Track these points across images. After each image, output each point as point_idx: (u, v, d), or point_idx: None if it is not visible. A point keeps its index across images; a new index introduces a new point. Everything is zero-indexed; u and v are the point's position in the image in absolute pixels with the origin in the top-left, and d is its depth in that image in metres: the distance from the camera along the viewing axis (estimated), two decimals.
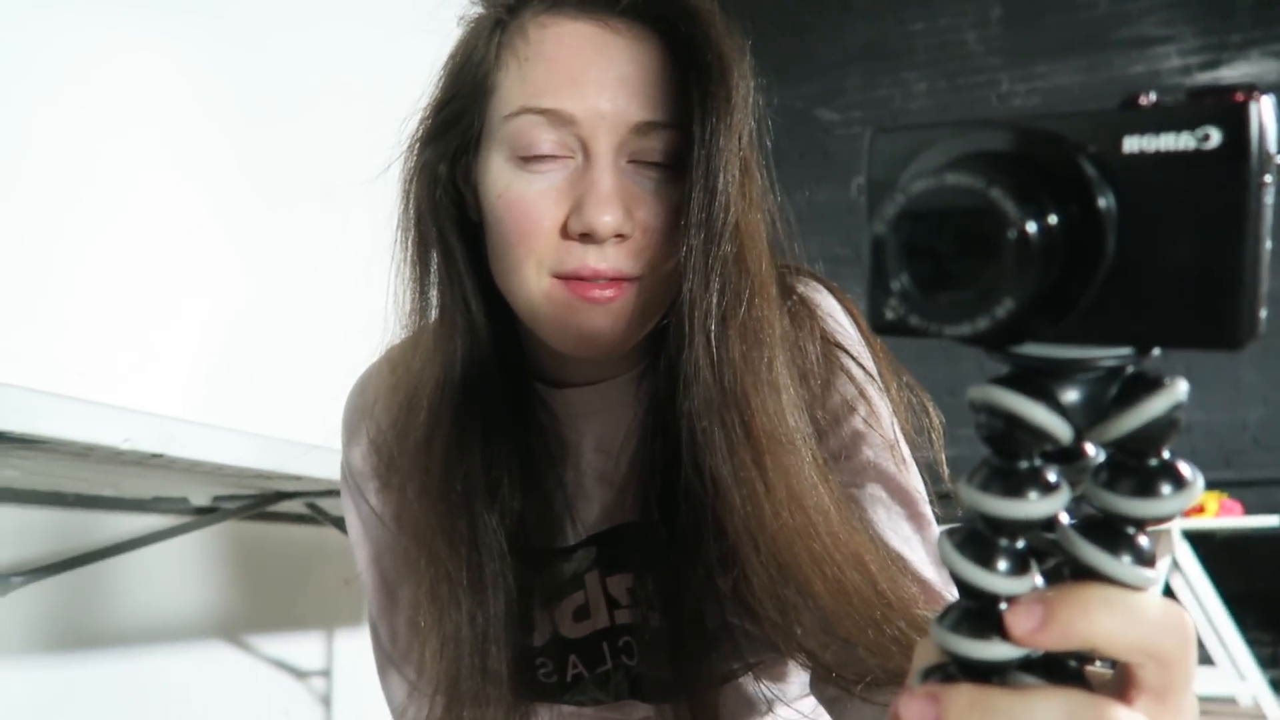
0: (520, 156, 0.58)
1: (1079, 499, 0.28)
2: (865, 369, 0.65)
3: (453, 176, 0.63)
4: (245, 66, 1.93)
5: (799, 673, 0.69)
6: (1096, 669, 0.29)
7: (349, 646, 2.12)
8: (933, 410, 0.67)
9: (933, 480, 0.65)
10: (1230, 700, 3.15)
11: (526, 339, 0.67)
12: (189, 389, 1.74)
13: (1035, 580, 0.28)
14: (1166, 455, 0.26)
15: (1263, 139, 0.23)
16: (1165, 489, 0.26)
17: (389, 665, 0.74)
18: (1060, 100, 3.90)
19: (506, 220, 0.58)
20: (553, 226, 0.57)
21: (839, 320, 0.67)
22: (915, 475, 0.65)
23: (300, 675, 2.04)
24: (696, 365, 0.57)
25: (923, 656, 0.30)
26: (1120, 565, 0.26)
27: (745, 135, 0.58)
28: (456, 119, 0.61)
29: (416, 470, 0.65)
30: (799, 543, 0.55)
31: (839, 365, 0.64)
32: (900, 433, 0.65)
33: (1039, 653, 0.28)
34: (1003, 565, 0.27)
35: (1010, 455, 0.27)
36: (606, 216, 0.56)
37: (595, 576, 0.69)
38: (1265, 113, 0.23)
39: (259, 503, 1.60)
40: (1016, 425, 0.26)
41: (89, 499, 1.51)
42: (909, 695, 0.28)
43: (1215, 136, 0.23)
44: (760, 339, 0.58)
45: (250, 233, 1.91)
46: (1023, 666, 0.28)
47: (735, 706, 0.68)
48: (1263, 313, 0.23)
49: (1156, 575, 0.27)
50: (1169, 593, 3.05)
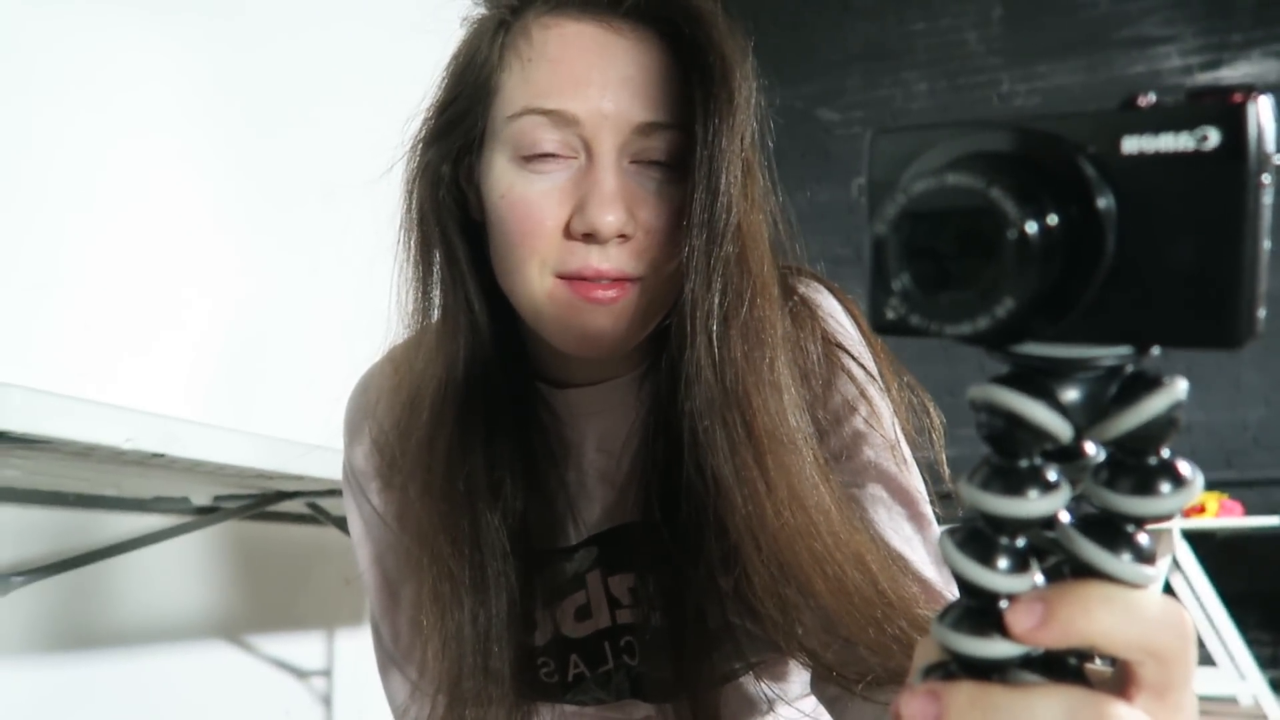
0: (523, 157, 0.58)
1: (1079, 498, 0.28)
2: (866, 369, 0.65)
3: (455, 177, 0.63)
4: (247, 68, 1.94)
5: (800, 672, 0.69)
6: (1096, 667, 0.29)
7: (350, 646, 2.12)
8: (933, 410, 0.67)
9: (933, 480, 0.65)
10: (1231, 700, 3.15)
11: (529, 339, 0.68)
12: (191, 389, 1.74)
13: (1036, 578, 0.28)
14: (1166, 454, 0.26)
15: (1261, 139, 0.23)
16: (1164, 487, 0.26)
17: (390, 665, 0.74)
18: (1061, 100, 3.90)
19: (509, 220, 0.59)
20: (555, 227, 0.58)
21: (840, 321, 0.67)
22: (916, 475, 0.65)
23: (301, 675, 2.04)
24: (698, 365, 0.57)
25: (924, 654, 0.30)
26: (1120, 563, 0.26)
27: (747, 136, 0.58)
28: (459, 119, 0.61)
29: (419, 469, 0.65)
30: (800, 542, 0.55)
31: (840, 365, 0.65)
32: (901, 433, 0.65)
33: (1039, 650, 0.28)
34: (1003, 563, 0.27)
35: (1011, 454, 0.27)
36: (609, 217, 0.56)
37: (597, 576, 0.69)
38: (1263, 113, 0.23)
39: (260, 502, 1.61)
40: (1017, 424, 0.26)
41: (90, 499, 1.51)
42: (910, 693, 0.28)
43: (1213, 137, 0.23)
44: (762, 339, 0.58)
45: (252, 233, 1.92)
46: (1023, 664, 0.28)
47: (736, 706, 0.68)
48: (1261, 312, 0.24)
49: (1156, 573, 0.27)
50: (1169, 592, 3.05)
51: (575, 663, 0.70)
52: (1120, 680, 0.28)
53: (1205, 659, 3.08)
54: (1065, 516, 0.28)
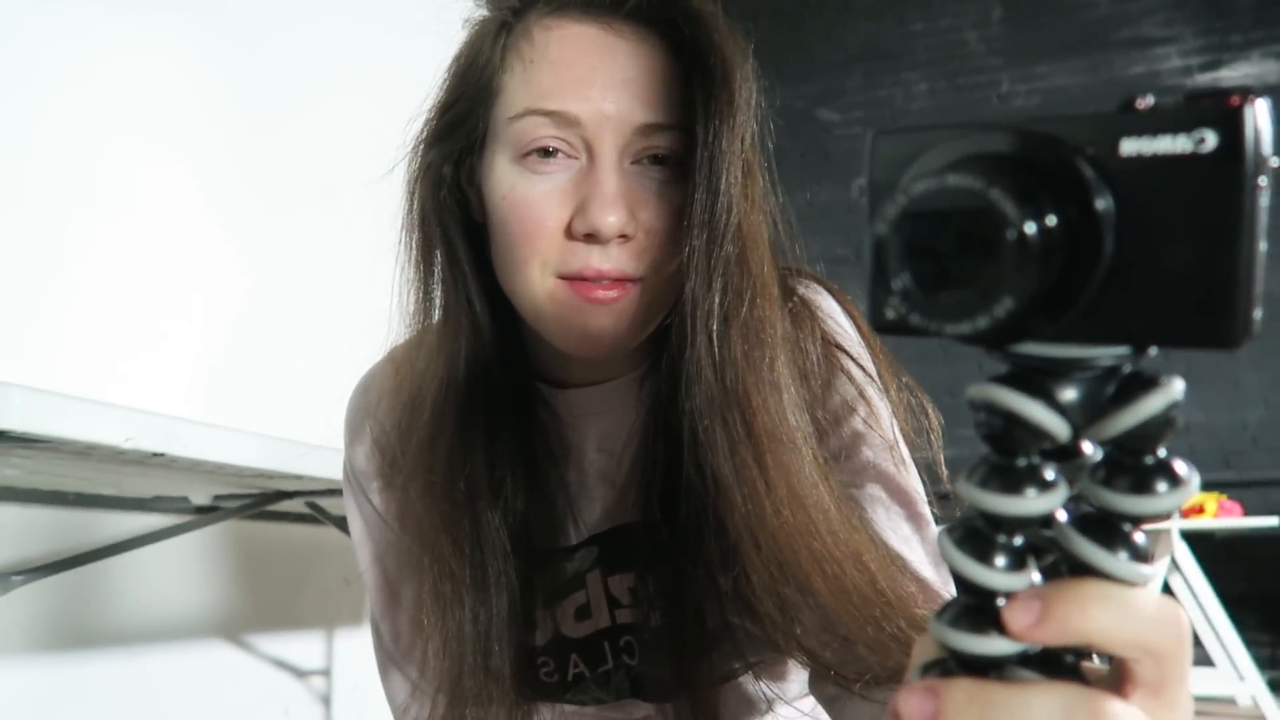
0: (525, 157, 0.58)
1: (1076, 497, 0.28)
2: (865, 370, 0.66)
3: (457, 178, 0.63)
4: (249, 68, 1.94)
5: (799, 672, 0.70)
6: (1093, 664, 0.29)
7: (349, 646, 2.12)
8: (932, 411, 0.67)
9: (931, 481, 0.66)
10: (1229, 701, 3.15)
11: (529, 339, 0.68)
12: (191, 388, 1.74)
13: (1033, 576, 0.28)
14: (1162, 453, 0.27)
15: (1257, 142, 0.23)
16: (1161, 486, 0.26)
17: (391, 664, 0.74)
18: (1061, 101, 3.90)
19: (511, 221, 0.59)
20: (557, 227, 0.58)
21: (839, 322, 0.67)
22: (914, 476, 0.65)
23: (300, 674, 2.04)
24: (698, 365, 0.57)
25: (922, 652, 0.30)
26: (1116, 561, 0.27)
27: (748, 137, 0.59)
28: (461, 121, 0.62)
29: (420, 469, 0.65)
30: (799, 541, 0.55)
31: (839, 366, 0.65)
32: (899, 433, 0.65)
33: (1037, 648, 0.28)
34: (1001, 561, 0.28)
35: (1009, 453, 0.27)
36: (611, 217, 0.56)
37: (597, 576, 0.69)
38: (1260, 116, 0.23)
39: (260, 502, 1.61)
40: (1015, 423, 0.26)
41: (89, 498, 1.51)
42: (908, 690, 0.28)
43: (1211, 139, 0.23)
44: (762, 339, 0.58)
45: (253, 232, 1.92)
46: (1020, 661, 0.28)
47: (735, 705, 0.68)
48: (1258, 313, 0.24)
49: (1153, 571, 0.27)
50: (1169, 593, 3.05)
51: (575, 662, 0.70)
52: (1116, 678, 0.28)
53: (1204, 659, 3.08)
54: (1063, 515, 0.28)
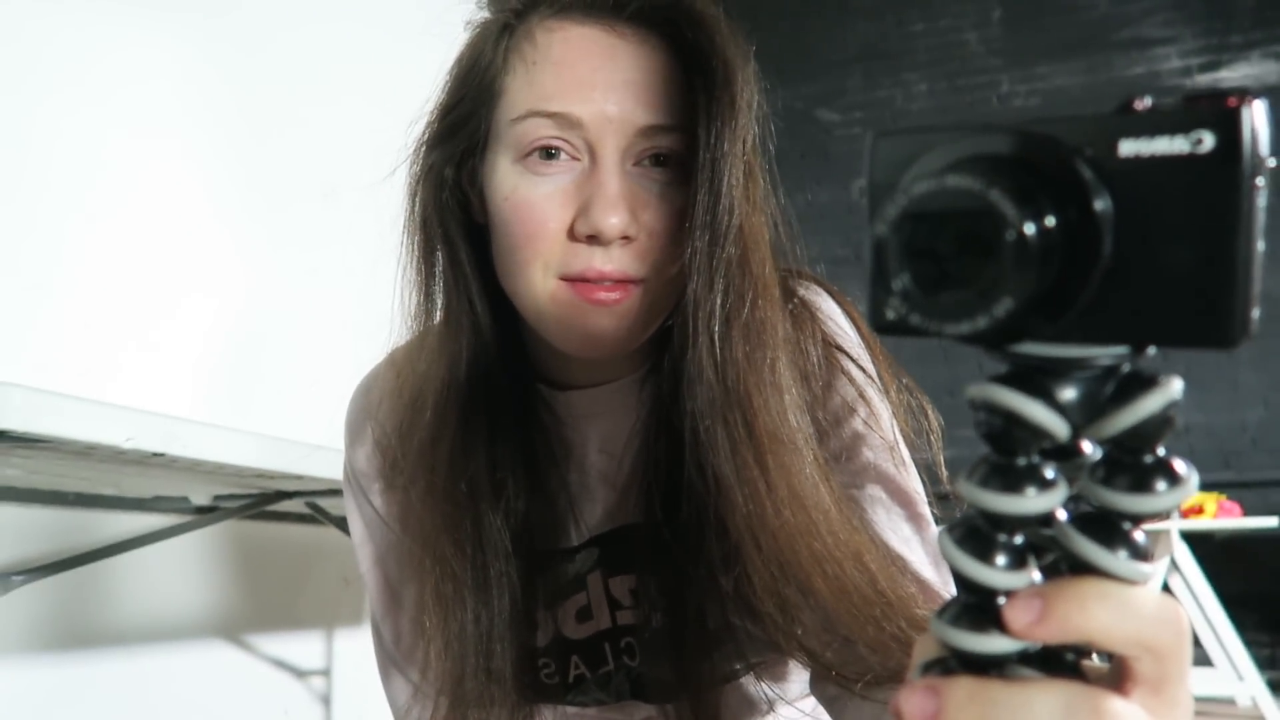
0: (527, 159, 0.58)
1: (1076, 496, 0.28)
2: (865, 371, 0.66)
3: (459, 179, 0.63)
4: (250, 68, 1.94)
5: (799, 672, 0.70)
6: (1093, 662, 0.29)
7: (349, 646, 2.12)
8: (931, 412, 0.67)
9: (931, 481, 0.66)
10: (1229, 701, 3.15)
11: (531, 341, 0.68)
12: (191, 388, 1.75)
13: (1033, 575, 0.28)
14: (1161, 452, 0.27)
15: (1255, 142, 0.23)
16: (1160, 485, 0.26)
17: (391, 666, 0.74)
18: (1060, 102, 3.90)
19: (513, 222, 0.59)
20: (559, 229, 0.58)
21: (839, 323, 0.67)
22: (914, 476, 0.65)
23: (300, 674, 2.04)
24: (700, 365, 0.57)
25: (923, 651, 0.30)
26: (1116, 560, 0.27)
27: (749, 139, 0.59)
28: (463, 122, 0.62)
29: (422, 471, 0.65)
30: (800, 541, 0.55)
31: (839, 367, 0.65)
32: (899, 434, 0.65)
33: (1037, 646, 0.28)
34: (1001, 560, 0.28)
35: (1009, 452, 0.27)
36: (613, 219, 0.56)
37: (598, 577, 0.69)
38: (1257, 117, 0.23)
39: (259, 502, 1.61)
40: (1015, 422, 0.26)
41: (89, 498, 1.51)
42: (909, 689, 0.28)
43: (1208, 140, 0.24)
44: (763, 340, 0.58)
45: (254, 232, 1.92)
46: (1021, 660, 0.28)
47: (736, 706, 0.68)
48: (1256, 312, 0.24)
49: (1152, 570, 0.28)
50: (1167, 593, 3.05)
51: (576, 664, 0.70)
52: (1117, 676, 0.28)
53: (1203, 660, 3.08)
54: (1063, 514, 0.28)
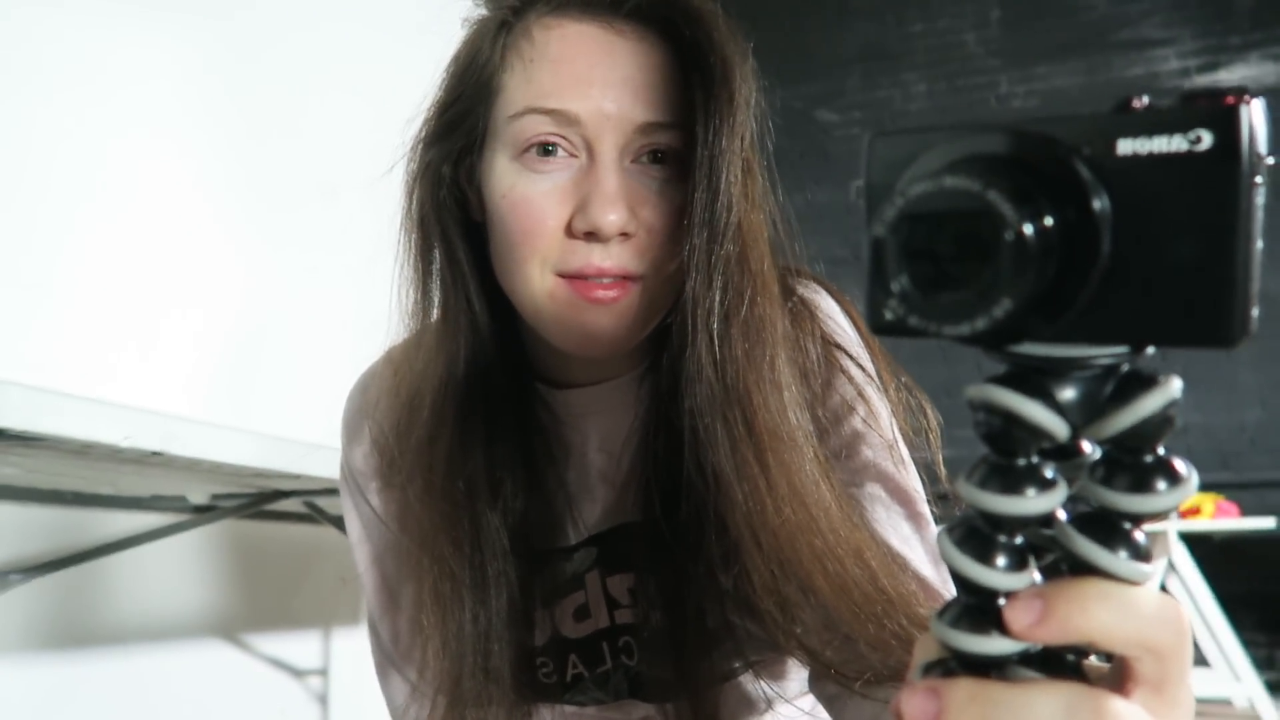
0: (525, 156, 0.58)
1: (1076, 496, 0.28)
2: (864, 370, 0.66)
3: (456, 177, 0.63)
4: (249, 68, 1.94)
5: (798, 670, 0.70)
6: (1094, 663, 0.29)
7: (346, 645, 2.12)
8: (930, 411, 0.67)
9: (930, 481, 0.66)
10: (1226, 702, 3.15)
11: (528, 339, 0.68)
12: (189, 387, 1.74)
13: (1033, 576, 0.28)
14: (1161, 452, 0.27)
15: (1253, 141, 0.23)
16: (1160, 485, 0.26)
17: (389, 666, 0.74)
18: (1059, 102, 3.90)
19: (511, 220, 0.59)
20: (557, 226, 0.58)
21: (838, 322, 0.67)
22: (914, 475, 0.65)
23: (297, 674, 2.04)
24: (699, 363, 0.57)
25: (923, 652, 0.30)
26: (1116, 560, 0.27)
27: (747, 136, 0.59)
28: (461, 120, 0.62)
29: (419, 470, 0.65)
30: (800, 538, 0.55)
31: (839, 366, 0.65)
32: (899, 433, 0.65)
33: (1038, 647, 0.28)
34: (1001, 561, 0.28)
35: (1008, 453, 0.27)
36: (612, 215, 0.56)
37: (595, 576, 0.69)
38: (1255, 115, 0.23)
39: (257, 501, 1.60)
40: (1014, 423, 0.26)
41: (87, 497, 1.51)
42: (910, 690, 0.28)
43: (1207, 139, 0.23)
44: (762, 337, 0.58)
45: (252, 231, 1.92)
46: (1022, 661, 0.28)
47: (735, 705, 0.68)
48: (1255, 311, 0.24)
49: (1153, 570, 0.28)
50: (1165, 594, 3.05)
51: (574, 663, 0.70)
52: (1118, 676, 0.28)
53: (1200, 660, 3.08)
54: (1063, 514, 0.28)
